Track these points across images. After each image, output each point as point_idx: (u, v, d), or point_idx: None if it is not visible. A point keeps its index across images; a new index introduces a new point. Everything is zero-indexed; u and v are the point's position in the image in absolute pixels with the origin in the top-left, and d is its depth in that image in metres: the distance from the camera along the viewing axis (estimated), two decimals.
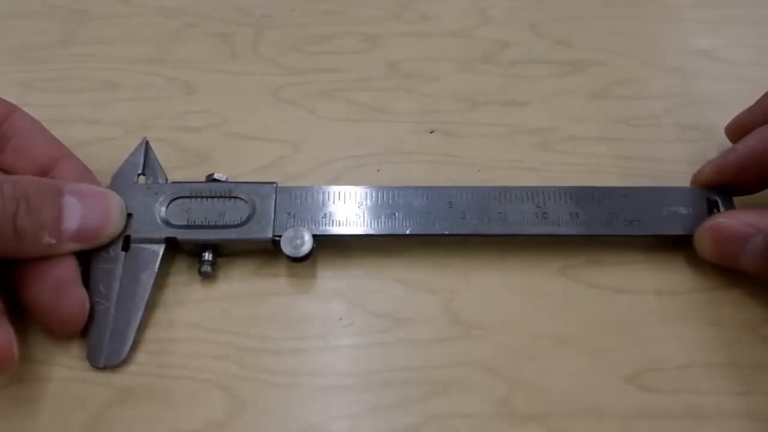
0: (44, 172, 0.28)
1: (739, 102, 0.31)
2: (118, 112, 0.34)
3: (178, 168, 0.32)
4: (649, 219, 0.29)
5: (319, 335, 0.28)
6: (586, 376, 0.27)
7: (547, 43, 0.38)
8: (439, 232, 0.29)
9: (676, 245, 0.30)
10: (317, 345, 0.28)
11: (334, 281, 0.29)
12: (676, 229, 0.29)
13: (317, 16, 0.39)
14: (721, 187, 0.30)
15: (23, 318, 0.26)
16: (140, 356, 0.27)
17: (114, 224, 0.27)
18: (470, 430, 0.26)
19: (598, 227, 0.29)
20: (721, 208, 0.30)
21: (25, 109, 0.30)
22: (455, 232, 0.29)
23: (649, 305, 0.29)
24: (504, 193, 0.30)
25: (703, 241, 0.29)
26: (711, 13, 0.40)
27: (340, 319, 0.28)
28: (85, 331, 0.27)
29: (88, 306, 0.26)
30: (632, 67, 0.37)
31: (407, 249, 0.30)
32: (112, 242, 0.28)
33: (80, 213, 0.26)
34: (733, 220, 0.28)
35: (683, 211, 0.30)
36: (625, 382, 0.27)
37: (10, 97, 0.30)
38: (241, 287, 0.29)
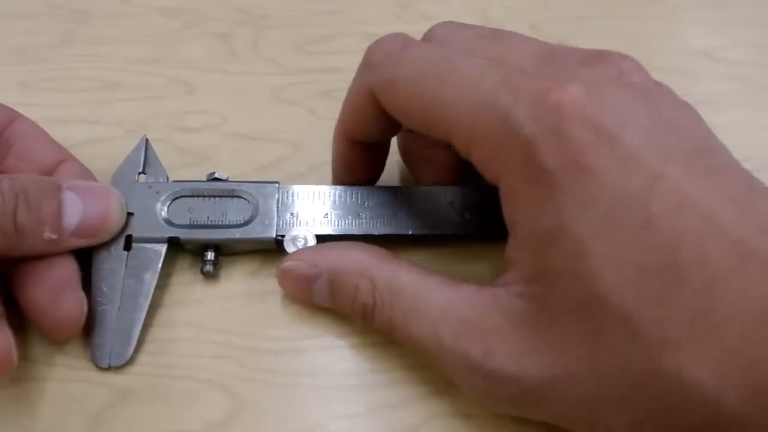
0: (46, 175, 0.28)
1: (739, 102, 0.31)
2: (118, 112, 0.34)
3: (177, 168, 0.32)
4: None
5: (319, 335, 0.28)
6: None
7: None
8: (441, 232, 0.29)
9: None
10: (317, 345, 0.28)
11: None
12: None
13: (317, 16, 0.39)
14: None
15: (24, 318, 0.26)
16: (141, 356, 0.27)
17: (115, 219, 0.27)
18: (470, 430, 0.26)
19: None
20: None
21: (25, 109, 0.30)
22: (457, 233, 0.29)
23: None
24: None
25: (282, 285, 0.28)
26: (711, 13, 0.40)
27: (340, 319, 0.28)
28: (87, 331, 0.26)
29: (85, 309, 0.26)
30: None
31: (407, 249, 0.30)
32: (114, 241, 0.27)
33: (80, 208, 0.26)
34: (298, 261, 0.26)
35: None
36: None
37: (10, 97, 0.30)
38: (241, 287, 0.29)
